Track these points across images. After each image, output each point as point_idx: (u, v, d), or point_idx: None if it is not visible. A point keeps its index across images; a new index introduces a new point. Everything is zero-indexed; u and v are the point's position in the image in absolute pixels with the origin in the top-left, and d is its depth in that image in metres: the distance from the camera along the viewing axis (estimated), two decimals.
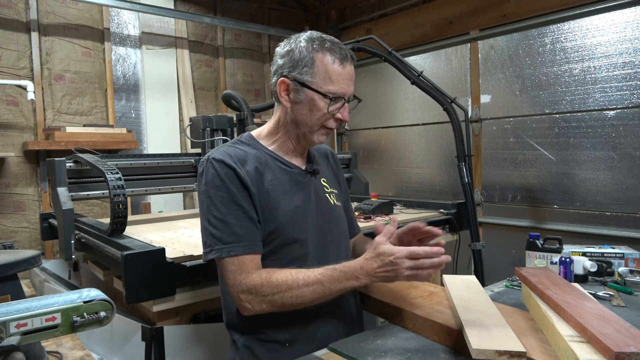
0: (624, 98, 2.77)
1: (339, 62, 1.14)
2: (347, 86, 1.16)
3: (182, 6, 4.13)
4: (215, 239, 1.11)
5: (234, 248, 1.09)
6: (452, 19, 3.66)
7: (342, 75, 1.14)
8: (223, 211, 1.11)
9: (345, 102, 1.17)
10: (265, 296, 1.08)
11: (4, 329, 0.87)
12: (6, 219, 3.27)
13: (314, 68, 1.13)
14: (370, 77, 4.40)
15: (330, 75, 1.13)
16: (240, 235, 1.10)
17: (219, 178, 1.12)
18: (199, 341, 1.59)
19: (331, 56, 1.13)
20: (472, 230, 2.66)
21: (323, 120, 1.17)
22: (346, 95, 1.16)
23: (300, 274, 1.08)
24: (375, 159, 4.38)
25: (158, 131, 3.98)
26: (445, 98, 2.71)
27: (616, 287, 1.45)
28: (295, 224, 1.17)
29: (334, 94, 1.14)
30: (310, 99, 1.15)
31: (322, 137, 1.21)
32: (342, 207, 1.36)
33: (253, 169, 1.16)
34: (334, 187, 1.33)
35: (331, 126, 1.19)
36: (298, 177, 1.22)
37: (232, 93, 2.76)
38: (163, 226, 2.33)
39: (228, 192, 1.11)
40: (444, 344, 1.04)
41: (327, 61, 1.13)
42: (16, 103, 3.30)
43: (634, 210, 2.75)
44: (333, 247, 1.25)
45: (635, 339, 0.83)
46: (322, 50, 1.13)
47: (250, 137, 1.26)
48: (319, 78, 1.13)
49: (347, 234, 1.34)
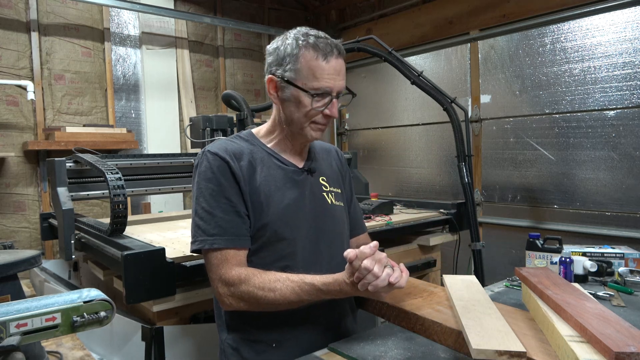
0: (624, 98, 2.77)
1: (322, 58, 1.11)
2: (333, 81, 1.13)
3: (182, 6, 4.13)
4: (200, 230, 1.11)
5: (217, 241, 1.10)
6: (452, 19, 3.66)
7: (326, 70, 1.12)
8: (211, 203, 1.12)
9: (333, 97, 1.14)
10: (242, 294, 1.08)
11: (4, 329, 0.87)
12: (6, 219, 3.27)
13: (297, 64, 1.12)
14: (370, 77, 4.40)
15: (314, 72, 1.11)
16: (225, 229, 1.10)
17: (211, 170, 1.13)
18: (199, 341, 1.59)
19: (314, 52, 1.11)
20: (472, 230, 2.66)
21: (311, 117, 1.15)
22: (333, 90, 1.13)
23: (278, 284, 1.07)
24: (375, 159, 4.38)
25: (158, 131, 3.97)
26: (445, 98, 2.70)
27: (616, 287, 1.45)
28: (285, 222, 1.16)
29: (317, 90, 1.12)
30: (295, 96, 1.14)
31: (314, 133, 1.18)
32: (346, 206, 1.34)
33: (247, 163, 1.16)
34: (335, 187, 1.31)
35: (320, 122, 1.17)
36: (293, 174, 1.21)
37: (232, 93, 2.76)
38: (163, 226, 2.33)
39: (218, 185, 1.12)
40: (444, 344, 1.04)
41: (311, 57, 1.11)
42: (16, 103, 3.30)
43: (634, 210, 2.75)
44: (327, 246, 1.23)
45: (635, 339, 0.83)
46: (306, 46, 1.12)
47: (249, 134, 1.26)
48: (302, 75, 1.12)
49: (345, 233, 1.32)
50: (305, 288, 1.06)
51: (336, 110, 1.16)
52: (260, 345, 1.17)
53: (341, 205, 1.31)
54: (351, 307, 1.31)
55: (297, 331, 1.18)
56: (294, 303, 1.08)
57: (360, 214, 1.48)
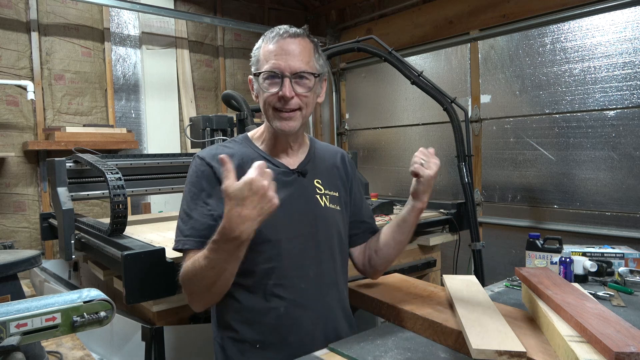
0: (624, 98, 2.77)
1: (272, 41, 1.15)
2: (282, 61, 1.12)
3: (182, 6, 4.13)
4: (179, 231, 1.15)
5: (188, 241, 1.12)
6: (452, 19, 3.66)
7: (274, 51, 1.14)
8: (191, 206, 1.15)
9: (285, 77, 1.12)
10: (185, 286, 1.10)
11: (4, 329, 0.87)
12: (6, 219, 3.27)
13: (258, 57, 1.18)
14: (370, 77, 4.40)
15: (265, 56, 1.15)
16: (198, 230, 1.12)
17: (195, 174, 1.18)
18: (199, 341, 1.59)
19: (268, 40, 1.16)
20: (472, 230, 2.66)
21: (270, 103, 1.15)
22: (283, 70, 1.12)
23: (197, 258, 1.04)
24: (375, 159, 4.38)
25: (158, 131, 3.97)
26: (445, 98, 2.71)
27: (616, 287, 1.45)
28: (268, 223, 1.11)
29: (266, 72, 1.14)
30: (257, 87, 1.19)
31: (278, 123, 1.16)
32: (343, 210, 1.32)
33: (235, 166, 1.15)
34: (332, 190, 1.29)
35: (278, 107, 1.15)
36: (282, 176, 1.20)
37: (232, 93, 2.76)
38: (163, 226, 2.33)
39: (199, 189, 1.16)
40: (444, 344, 1.04)
41: (264, 45, 1.17)
42: (16, 103, 3.30)
43: (634, 210, 2.75)
44: (315, 248, 1.21)
45: (635, 339, 0.83)
46: (265, 39, 1.17)
47: (244, 137, 1.29)
48: (259, 65, 1.17)
49: (338, 236, 1.28)
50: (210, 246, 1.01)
51: (289, 89, 1.13)
52: (245, 345, 1.17)
53: (337, 208, 1.29)
54: (345, 314, 1.29)
55: (283, 334, 1.16)
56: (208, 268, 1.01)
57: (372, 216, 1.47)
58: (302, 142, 1.30)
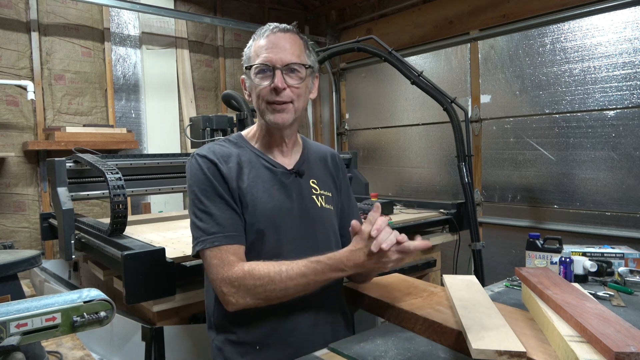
0: (624, 98, 2.77)
1: (263, 36, 1.16)
2: (273, 54, 1.13)
3: (182, 6, 4.13)
4: (201, 231, 1.12)
5: (217, 238, 1.10)
6: (452, 19, 3.66)
7: (264, 46, 1.15)
8: (207, 204, 1.13)
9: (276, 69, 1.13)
10: (248, 289, 1.07)
11: (4, 329, 0.87)
12: (6, 219, 3.27)
13: (249, 54, 1.19)
14: (370, 77, 4.40)
15: (257, 51, 1.17)
16: (225, 226, 1.11)
17: (202, 172, 1.15)
18: (199, 341, 1.59)
19: (259, 36, 1.18)
20: (472, 230, 2.66)
21: (263, 97, 1.16)
22: (274, 63, 1.13)
23: (283, 266, 1.07)
24: (375, 159, 4.38)
25: (158, 131, 3.97)
26: (445, 98, 2.70)
27: (616, 287, 1.45)
28: (270, 224, 1.15)
29: (257, 66, 1.15)
30: (250, 83, 1.19)
31: (272, 116, 1.16)
32: (339, 210, 1.33)
33: (234, 165, 1.17)
34: (326, 190, 1.30)
35: (270, 99, 1.15)
36: (281, 176, 1.21)
37: (232, 93, 2.76)
38: (163, 226, 2.33)
39: (210, 186, 1.14)
40: (444, 344, 1.04)
41: (255, 42, 1.18)
42: (16, 103, 3.30)
43: (634, 210, 2.75)
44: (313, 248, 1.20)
45: (635, 339, 0.83)
46: (256, 36, 1.19)
47: (238, 136, 1.28)
48: (251, 60, 1.18)
49: (335, 236, 1.29)
50: (311, 266, 1.06)
51: (281, 80, 1.13)
52: (244, 347, 1.16)
53: (331, 208, 1.29)
54: (343, 314, 1.29)
55: (282, 335, 1.16)
56: (303, 286, 1.07)
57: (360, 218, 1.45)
58: (296, 141, 1.30)
